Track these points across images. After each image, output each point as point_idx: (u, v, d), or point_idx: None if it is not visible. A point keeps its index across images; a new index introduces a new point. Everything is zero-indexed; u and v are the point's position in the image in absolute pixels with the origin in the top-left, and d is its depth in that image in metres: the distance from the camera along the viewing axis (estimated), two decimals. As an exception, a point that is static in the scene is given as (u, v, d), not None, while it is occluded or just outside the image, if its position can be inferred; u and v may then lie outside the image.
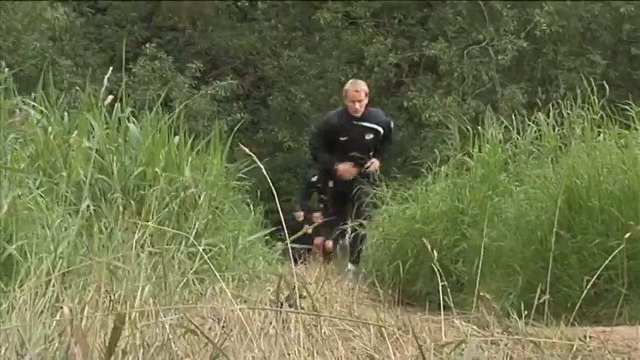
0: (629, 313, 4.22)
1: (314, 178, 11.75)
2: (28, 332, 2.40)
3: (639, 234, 3.76)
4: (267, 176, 2.86)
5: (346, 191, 8.09)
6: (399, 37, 20.15)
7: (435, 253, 2.90)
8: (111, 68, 3.80)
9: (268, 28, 21.26)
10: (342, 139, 8.09)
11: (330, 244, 9.54)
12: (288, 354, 2.65)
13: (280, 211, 3.10)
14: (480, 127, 6.59)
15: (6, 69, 4.84)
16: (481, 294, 3.38)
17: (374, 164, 8.12)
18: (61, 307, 2.51)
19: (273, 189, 2.92)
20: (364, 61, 19.53)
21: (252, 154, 2.93)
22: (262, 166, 2.84)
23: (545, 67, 18.99)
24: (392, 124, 8.51)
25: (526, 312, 3.27)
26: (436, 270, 2.84)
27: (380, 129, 8.20)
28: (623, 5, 17.76)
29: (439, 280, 2.80)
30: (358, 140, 8.09)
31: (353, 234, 7.83)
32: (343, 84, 9.00)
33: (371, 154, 8.15)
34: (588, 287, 3.46)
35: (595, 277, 3.63)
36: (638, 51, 18.54)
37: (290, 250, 2.90)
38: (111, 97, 4.69)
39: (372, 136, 8.15)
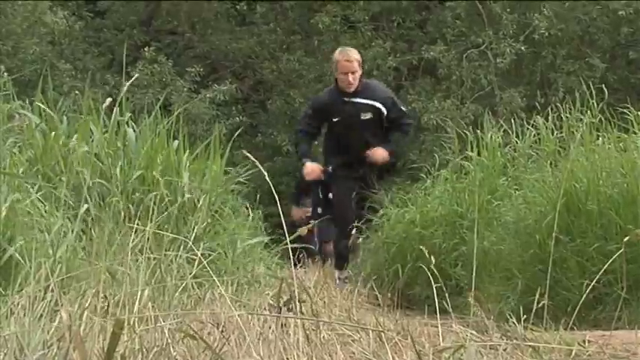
0: (628, 317, 4.22)
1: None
2: (26, 338, 2.40)
3: (638, 238, 3.76)
4: (268, 180, 2.85)
5: (354, 177, 6.85)
6: (397, 41, 20.17)
7: (433, 259, 2.90)
8: (132, 78, 3.78)
9: (267, 32, 21.28)
10: (334, 120, 6.77)
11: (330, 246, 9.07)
12: (287, 359, 2.64)
13: (281, 215, 3.10)
14: (478, 131, 6.59)
15: (5, 73, 4.83)
16: (477, 298, 3.38)
17: (378, 153, 6.68)
18: (58, 312, 2.51)
19: (274, 193, 2.92)
20: (363, 64, 19.52)
21: (253, 159, 2.92)
22: (264, 171, 2.84)
23: (544, 71, 19.00)
24: (396, 99, 7.09)
25: (525, 316, 3.27)
26: (431, 274, 2.84)
27: (380, 106, 6.76)
28: (621, 8, 17.77)
29: (433, 284, 2.80)
30: (353, 122, 6.71)
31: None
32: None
33: (372, 139, 6.77)
34: (587, 291, 3.46)
35: (594, 281, 3.64)
36: (637, 55, 18.55)
37: (290, 253, 2.90)
38: (109, 99, 4.69)
39: (369, 115, 6.71)
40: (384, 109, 6.76)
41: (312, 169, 6.94)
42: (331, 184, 7.25)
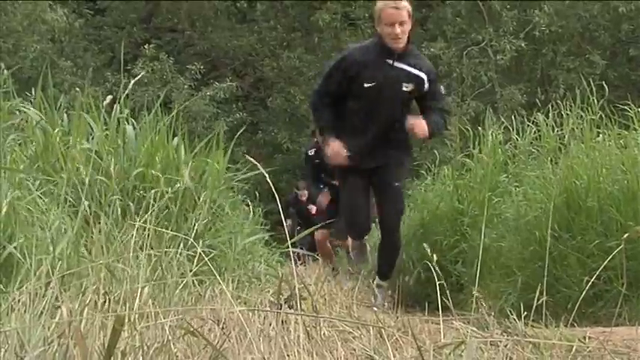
0: (628, 314, 4.23)
1: (311, 152, 8.53)
2: (27, 334, 2.40)
3: (638, 234, 3.76)
4: (268, 179, 2.85)
5: (365, 170, 5.35)
6: (398, 38, 20.17)
7: (435, 256, 2.90)
8: (137, 77, 3.78)
9: (267, 29, 21.30)
10: (366, 85, 5.23)
11: (335, 241, 8.44)
12: (288, 355, 2.65)
13: (281, 212, 3.10)
14: (479, 128, 6.59)
15: (6, 70, 4.83)
16: (477, 295, 3.38)
17: (420, 126, 5.17)
18: (59, 309, 2.51)
19: (274, 191, 2.91)
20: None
21: (252, 160, 2.92)
22: (264, 172, 2.84)
23: (545, 68, 19.01)
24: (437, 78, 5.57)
25: (525, 313, 3.27)
26: (434, 271, 2.84)
27: (424, 77, 5.29)
28: (621, 5, 17.77)
29: (437, 281, 2.80)
30: (391, 90, 5.23)
31: (383, 238, 5.60)
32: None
33: (399, 120, 5.24)
34: (587, 288, 3.46)
35: (594, 277, 3.64)
36: (637, 52, 18.56)
37: (291, 251, 2.90)
38: (110, 97, 4.70)
39: (411, 86, 5.26)
40: (426, 84, 5.32)
41: (337, 151, 5.28)
42: (338, 179, 5.90)
